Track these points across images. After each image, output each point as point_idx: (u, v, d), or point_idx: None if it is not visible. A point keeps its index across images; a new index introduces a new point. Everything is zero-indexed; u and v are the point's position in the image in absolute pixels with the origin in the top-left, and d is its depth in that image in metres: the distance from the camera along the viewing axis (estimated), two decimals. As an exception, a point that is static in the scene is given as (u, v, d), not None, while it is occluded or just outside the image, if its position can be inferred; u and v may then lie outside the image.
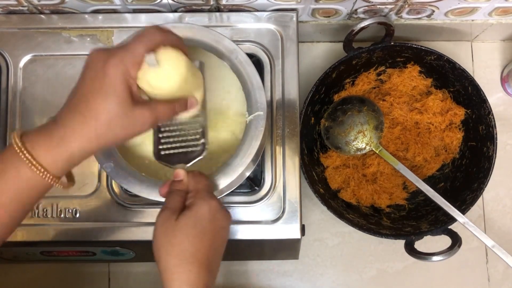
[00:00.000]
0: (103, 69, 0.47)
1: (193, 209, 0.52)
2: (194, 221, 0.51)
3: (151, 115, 0.49)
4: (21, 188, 0.47)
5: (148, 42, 0.48)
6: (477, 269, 0.88)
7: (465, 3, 0.75)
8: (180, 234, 0.51)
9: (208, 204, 0.52)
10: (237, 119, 0.64)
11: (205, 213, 0.52)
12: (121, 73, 0.47)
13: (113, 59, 0.47)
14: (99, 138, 0.47)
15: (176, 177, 0.56)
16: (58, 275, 0.87)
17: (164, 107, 0.51)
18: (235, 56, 0.61)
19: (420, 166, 0.86)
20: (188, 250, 0.50)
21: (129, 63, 0.48)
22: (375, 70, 0.85)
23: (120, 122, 0.47)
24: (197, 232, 0.51)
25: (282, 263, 0.88)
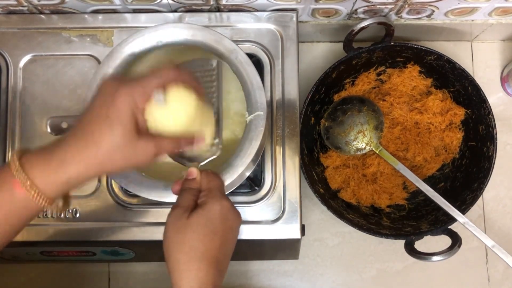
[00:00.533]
0: (112, 97, 0.47)
1: (205, 208, 0.52)
2: (205, 220, 0.51)
3: (155, 149, 0.49)
4: (13, 208, 0.47)
5: (161, 78, 0.49)
6: (477, 269, 0.88)
7: (465, 3, 0.75)
8: (191, 232, 0.50)
9: (220, 203, 0.52)
10: (237, 119, 0.64)
11: (216, 213, 0.52)
12: (129, 104, 0.47)
13: (123, 89, 0.47)
14: (98, 166, 0.47)
15: (190, 175, 0.55)
16: (58, 275, 0.87)
17: (169, 142, 0.51)
18: (235, 56, 0.61)
19: (420, 166, 0.86)
20: (198, 248, 0.50)
21: (138, 95, 0.48)
22: (375, 70, 0.85)
23: (122, 152, 0.47)
24: (208, 231, 0.51)
25: (282, 263, 0.88)
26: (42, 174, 0.47)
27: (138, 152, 0.48)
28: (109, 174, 0.50)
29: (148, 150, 0.49)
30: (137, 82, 0.48)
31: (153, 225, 0.69)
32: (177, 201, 0.53)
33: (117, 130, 0.47)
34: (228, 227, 0.52)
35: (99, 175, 0.49)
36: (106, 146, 0.47)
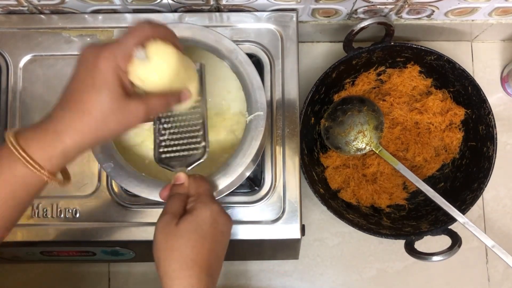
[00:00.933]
0: (94, 64, 0.47)
1: (194, 214, 0.51)
2: (195, 225, 0.51)
3: (144, 108, 0.49)
4: (16, 186, 0.47)
5: (139, 36, 0.48)
6: (477, 269, 0.88)
7: (465, 3, 0.75)
8: (180, 239, 0.50)
9: (210, 208, 0.52)
10: (237, 119, 0.64)
11: (206, 218, 0.51)
12: (112, 67, 0.47)
13: (104, 53, 0.47)
14: (93, 132, 0.47)
15: (177, 180, 0.55)
16: (58, 275, 0.87)
17: (157, 100, 0.51)
18: (235, 56, 0.61)
19: (420, 166, 0.86)
20: (188, 255, 0.50)
21: (119, 57, 0.47)
22: (375, 70, 0.85)
23: (114, 116, 0.47)
24: (197, 236, 0.51)
25: (282, 263, 0.88)
26: (39, 148, 0.47)
27: (129, 114, 0.48)
28: (104, 140, 0.50)
29: (139, 110, 0.49)
30: (116, 44, 0.48)
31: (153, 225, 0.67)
32: (166, 207, 0.53)
33: (105, 95, 0.47)
34: (219, 232, 0.52)
35: (94, 143, 0.48)
36: (98, 112, 0.47)
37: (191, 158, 0.56)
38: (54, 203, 0.69)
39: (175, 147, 0.57)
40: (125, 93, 0.48)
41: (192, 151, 0.56)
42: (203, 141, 0.56)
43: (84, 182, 0.70)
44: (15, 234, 0.68)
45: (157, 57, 0.49)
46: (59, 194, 0.69)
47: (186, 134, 0.57)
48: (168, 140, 0.57)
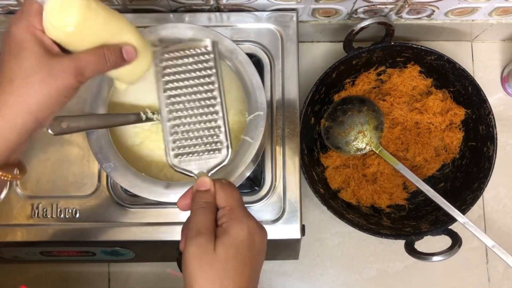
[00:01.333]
0: (8, 32, 0.45)
1: (231, 235, 0.45)
2: (234, 251, 0.45)
3: (73, 63, 0.44)
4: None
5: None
6: (477, 269, 0.88)
7: (465, 3, 0.75)
8: (220, 268, 0.44)
9: (247, 227, 0.46)
10: (237, 119, 0.64)
11: (244, 239, 0.45)
12: (24, 28, 0.44)
13: (14, 18, 0.45)
14: (21, 102, 0.43)
15: (201, 186, 0.48)
16: (58, 275, 0.87)
17: (89, 54, 0.46)
18: (235, 56, 0.61)
19: (420, 166, 0.86)
20: (229, 285, 0.44)
21: (29, 15, 0.44)
22: (375, 70, 0.85)
23: (37, 76, 0.43)
24: (238, 263, 0.45)
25: (282, 263, 0.88)
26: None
27: (55, 73, 0.44)
28: (41, 112, 0.44)
29: (66, 67, 0.44)
30: (22, 6, 0.45)
31: (153, 225, 0.68)
32: (195, 223, 0.46)
33: (23, 57, 0.43)
34: (256, 252, 0.47)
35: (32, 117, 0.43)
36: (20, 78, 0.43)
37: (212, 161, 0.49)
38: (54, 203, 0.69)
39: (191, 147, 0.50)
40: (47, 51, 0.44)
41: (213, 152, 0.50)
42: (225, 140, 0.50)
43: (84, 182, 0.70)
44: (15, 234, 0.68)
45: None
46: (59, 194, 0.69)
47: (204, 132, 0.50)
48: (182, 139, 0.50)
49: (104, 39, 0.47)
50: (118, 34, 0.48)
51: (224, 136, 0.50)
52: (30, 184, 0.70)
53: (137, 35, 0.50)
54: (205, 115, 0.51)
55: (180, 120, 0.51)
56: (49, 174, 0.70)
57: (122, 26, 0.49)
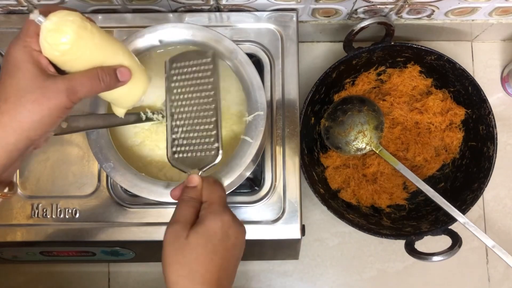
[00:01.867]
0: (7, 53, 0.46)
1: (204, 225, 0.49)
2: (205, 240, 0.48)
3: (64, 84, 0.45)
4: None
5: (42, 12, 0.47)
6: (477, 269, 0.88)
7: (465, 3, 0.75)
8: (189, 254, 0.48)
9: (220, 219, 0.49)
10: (237, 119, 0.64)
11: (217, 231, 0.48)
12: (22, 49, 0.46)
13: (13, 40, 0.46)
14: (13, 121, 0.44)
15: (190, 183, 0.52)
16: (58, 275, 0.87)
17: (82, 74, 0.47)
18: (235, 56, 0.60)
19: (420, 166, 0.86)
20: (198, 271, 0.47)
21: (27, 36, 0.46)
22: (375, 70, 0.85)
23: (30, 96, 0.44)
24: (207, 251, 0.48)
25: (282, 263, 0.88)
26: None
27: (49, 93, 0.45)
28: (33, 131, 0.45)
29: (59, 87, 0.45)
30: (23, 27, 0.46)
31: (153, 225, 0.68)
32: (176, 213, 0.50)
33: (19, 77, 0.44)
34: (230, 245, 0.49)
35: (27, 136, 0.44)
36: (13, 95, 0.44)
37: (205, 160, 0.53)
38: (54, 203, 0.69)
39: (188, 146, 0.54)
40: (43, 72, 0.45)
41: (205, 152, 0.53)
42: (216, 142, 0.53)
43: (84, 182, 0.70)
44: (15, 234, 0.68)
45: (56, 16, 0.46)
46: (59, 194, 0.69)
47: (200, 133, 0.54)
48: (181, 138, 0.54)
49: (99, 61, 0.49)
50: (113, 56, 0.50)
51: (215, 139, 0.54)
52: (30, 184, 0.70)
53: (132, 58, 0.53)
54: (202, 118, 0.55)
55: (181, 122, 0.55)
56: (49, 174, 0.70)
57: (117, 48, 0.51)
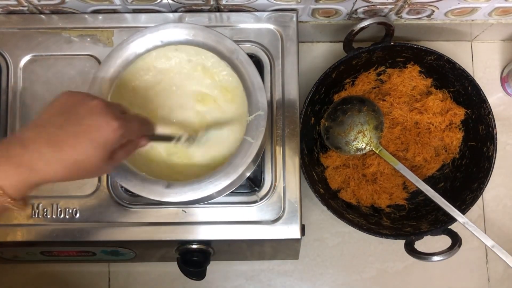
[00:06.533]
0: (108, 124, 0.48)
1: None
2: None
3: (113, 168, 0.53)
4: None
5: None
6: (477, 269, 0.88)
7: (465, 3, 0.75)
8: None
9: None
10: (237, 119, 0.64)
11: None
12: (120, 138, 0.50)
13: (119, 122, 0.49)
14: (66, 177, 0.48)
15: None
16: (58, 275, 0.87)
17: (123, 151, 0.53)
18: (236, 56, 0.60)
19: (420, 166, 0.86)
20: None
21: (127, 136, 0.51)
22: (375, 70, 0.85)
23: (92, 170, 0.49)
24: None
25: (282, 263, 0.88)
26: (7, 177, 0.46)
27: (102, 171, 0.52)
28: (70, 180, 0.51)
29: (109, 170, 0.54)
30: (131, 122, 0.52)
31: (153, 225, 0.68)
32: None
33: (98, 155, 0.48)
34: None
35: (58, 181, 0.49)
36: (81, 160, 0.48)
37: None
38: (54, 203, 0.69)
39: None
40: (110, 157, 0.50)
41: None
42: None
43: (84, 182, 0.70)
44: (15, 234, 0.68)
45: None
46: (59, 194, 0.69)
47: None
48: None
49: None
50: None
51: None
52: (30, 184, 0.70)
53: None
54: None
55: None
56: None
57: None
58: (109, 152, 0.50)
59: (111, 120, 0.49)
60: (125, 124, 0.50)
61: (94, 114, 0.48)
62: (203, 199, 0.59)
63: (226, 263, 0.87)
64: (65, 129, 0.47)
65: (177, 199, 0.57)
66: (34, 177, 0.47)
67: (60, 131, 0.47)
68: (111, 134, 0.49)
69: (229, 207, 0.69)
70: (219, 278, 0.87)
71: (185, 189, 0.58)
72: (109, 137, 0.49)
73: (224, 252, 0.77)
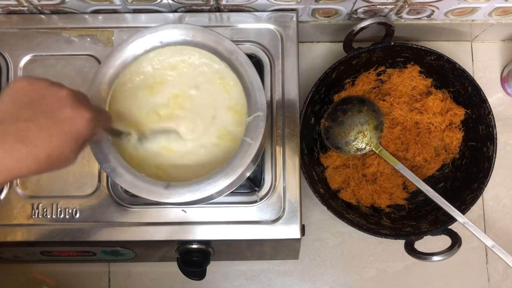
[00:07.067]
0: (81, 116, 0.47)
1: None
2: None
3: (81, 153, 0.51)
4: None
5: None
6: (477, 269, 0.88)
7: (465, 3, 0.75)
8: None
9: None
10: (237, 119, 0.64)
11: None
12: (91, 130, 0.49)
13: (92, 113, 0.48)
14: (33, 167, 0.45)
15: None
16: (58, 275, 0.87)
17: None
18: (235, 57, 0.60)
19: (420, 166, 0.86)
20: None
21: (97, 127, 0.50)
22: (375, 70, 0.85)
23: (60, 161, 0.47)
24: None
25: (282, 263, 0.88)
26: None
27: (71, 162, 0.49)
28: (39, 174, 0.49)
29: (76, 160, 0.50)
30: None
31: (153, 225, 0.69)
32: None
33: (71, 148, 0.47)
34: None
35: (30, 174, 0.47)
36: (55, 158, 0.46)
37: None
38: (54, 203, 0.69)
39: None
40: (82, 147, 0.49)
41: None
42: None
43: (84, 182, 0.70)
44: (15, 234, 0.68)
45: None
46: (59, 194, 0.69)
47: None
48: None
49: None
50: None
51: None
52: (30, 184, 0.70)
53: None
54: None
55: None
56: (49, 174, 0.70)
57: None
58: (81, 144, 0.48)
59: (83, 112, 0.47)
60: (96, 116, 0.49)
61: (65, 106, 0.47)
62: (203, 199, 0.59)
63: (226, 263, 0.87)
64: (36, 123, 0.45)
65: (177, 200, 0.57)
66: (5, 177, 0.44)
67: (30, 125, 0.45)
68: (85, 127, 0.47)
69: (229, 207, 0.69)
70: (219, 278, 0.87)
71: (184, 190, 0.58)
72: (83, 130, 0.47)
73: (224, 252, 0.78)
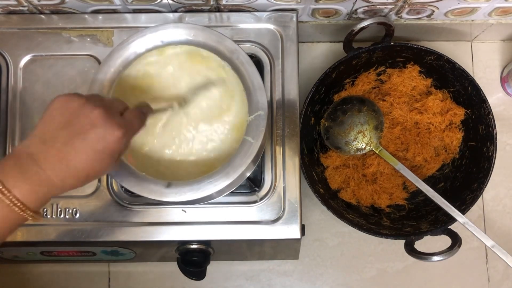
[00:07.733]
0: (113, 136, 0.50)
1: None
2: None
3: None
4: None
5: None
6: (477, 269, 0.88)
7: (465, 3, 0.76)
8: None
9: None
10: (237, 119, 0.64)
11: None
12: (124, 146, 0.52)
13: (121, 131, 0.50)
14: (78, 186, 0.50)
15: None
16: (58, 275, 0.87)
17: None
18: (236, 57, 0.60)
19: (420, 166, 0.86)
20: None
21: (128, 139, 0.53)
22: (375, 70, 0.85)
23: (99, 175, 0.52)
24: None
25: (282, 263, 0.88)
26: (29, 194, 0.47)
27: (107, 172, 0.55)
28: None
29: (113, 168, 0.55)
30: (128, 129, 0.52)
31: (153, 225, 0.69)
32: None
33: (107, 163, 0.50)
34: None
35: (72, 189, 0.51)
36: (93, 174, 0.50)
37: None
38: (54, 203, 0.69)
39: None
40: (118, 158, 0.53)
41: None
42: None
43: (84, 182, 0.70)
44: (15, 234, 0.68)
45: None
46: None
47: None
48: None
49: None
50: None
51: None
52: (30, 184, 0.70)
53: None
54: None
55: None
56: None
57: None
58: (117, 157, 0.52)
59: (114, 130, 0.50)
60: (127, 129, 0.51)
61: (97, 126, 0.49)
62: (203, 199, 0.59)
63: (226, 263, 0.87)
64: (71, 145, 0.48)
65: (177, 199, 0.57)
66: (52, 192, 0.49)
67: (67, 148, 0.48)
68: (117, 143, 0.50)
69: (229, 207, 0.69)
70: (219, 278, 0.87)
71: (185, 189, 0.58)
72: (116, 146, 0.50)
73: (224, 252, 0.78)
